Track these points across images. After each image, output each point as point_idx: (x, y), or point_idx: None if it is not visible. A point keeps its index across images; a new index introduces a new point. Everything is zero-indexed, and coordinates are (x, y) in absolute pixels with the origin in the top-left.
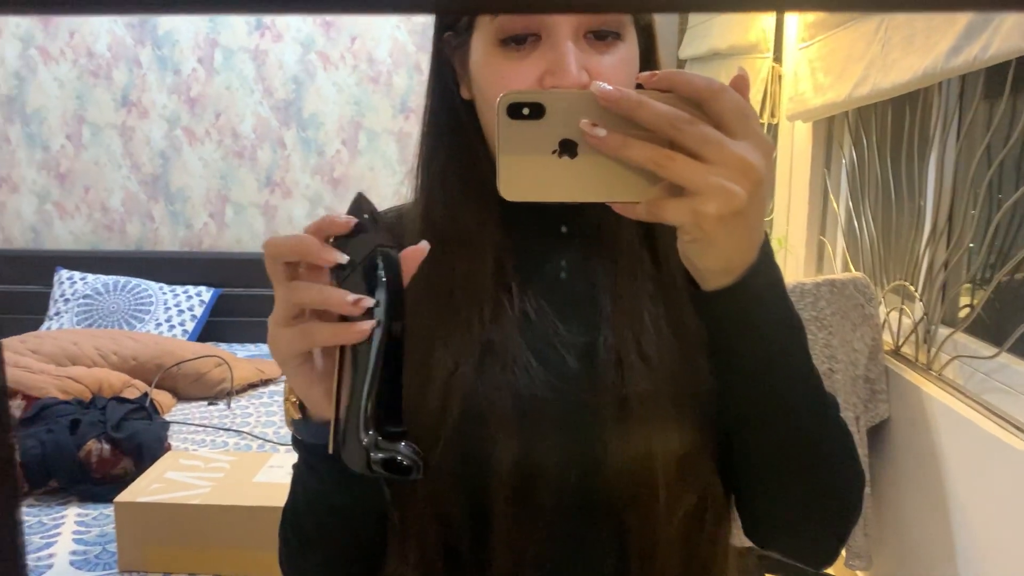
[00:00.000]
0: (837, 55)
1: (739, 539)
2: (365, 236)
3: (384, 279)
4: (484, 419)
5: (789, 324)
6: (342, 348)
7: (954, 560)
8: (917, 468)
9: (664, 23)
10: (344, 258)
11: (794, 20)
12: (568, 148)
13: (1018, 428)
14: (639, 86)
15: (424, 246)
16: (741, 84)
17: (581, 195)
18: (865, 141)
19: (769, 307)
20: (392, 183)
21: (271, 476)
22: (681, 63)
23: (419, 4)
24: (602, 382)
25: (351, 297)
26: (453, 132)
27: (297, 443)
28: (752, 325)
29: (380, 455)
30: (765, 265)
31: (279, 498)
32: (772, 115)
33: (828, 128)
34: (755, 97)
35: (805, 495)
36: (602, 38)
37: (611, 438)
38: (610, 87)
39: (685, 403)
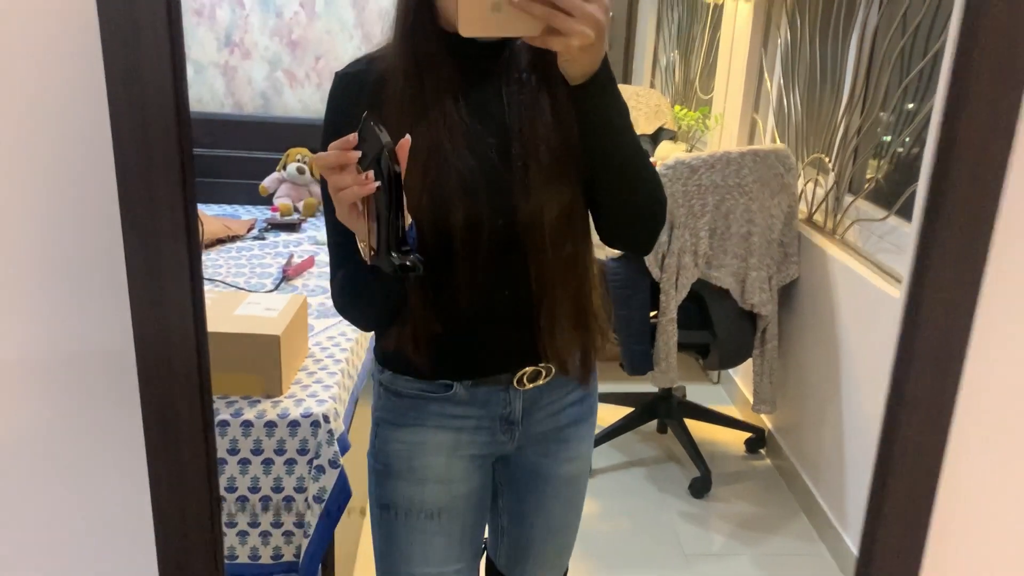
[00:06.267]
0: None
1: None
2: (372, 141)
3: (384, 168)
4: (443, 185)
5: (622, 101)
6: (368, 203)
7: (839, 398)
8: (817, 322)
9: None
10: (351, 157)
11: None
12: (497, 7)
13: (896, 279)
14: None
15: (407, 139)
16: None
17: (506, 32)
18: (799, 21)
19: (609, 90)
20: (349, 48)
21: (250, 310)
22: None
23: None
24: (515, 175)
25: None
26: None
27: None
28: (601, 100)
29: (398, 262)
30: (605, 69)
31: (259, 327)
32: None
33: (768, 9)
34: None
35: (636, 207)
36: None
37: (520, 204)
38: None
39: (566, 185)
